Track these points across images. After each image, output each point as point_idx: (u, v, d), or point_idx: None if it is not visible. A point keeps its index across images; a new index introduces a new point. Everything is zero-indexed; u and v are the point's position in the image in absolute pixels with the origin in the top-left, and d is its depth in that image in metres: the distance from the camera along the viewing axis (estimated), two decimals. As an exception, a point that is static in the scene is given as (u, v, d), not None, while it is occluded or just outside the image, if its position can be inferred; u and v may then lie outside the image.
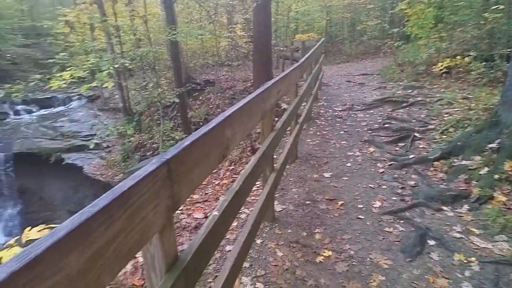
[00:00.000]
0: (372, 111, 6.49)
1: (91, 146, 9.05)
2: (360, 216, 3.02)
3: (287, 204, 3.32)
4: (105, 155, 11.44)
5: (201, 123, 9.77)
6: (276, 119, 3.76)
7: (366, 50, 17.32)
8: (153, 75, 9.25)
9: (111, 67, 6.14)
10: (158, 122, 10.25)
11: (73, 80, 6.08)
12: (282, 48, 14.10)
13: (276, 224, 2.96)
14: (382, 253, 2.50)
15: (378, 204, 3.20)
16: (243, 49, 13.47)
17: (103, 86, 7.35)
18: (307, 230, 2.85)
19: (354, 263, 2.41)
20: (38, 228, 2.74)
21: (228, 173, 4.84)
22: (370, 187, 3.56)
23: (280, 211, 3.19)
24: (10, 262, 0.60)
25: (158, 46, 10.33)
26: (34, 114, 14.92)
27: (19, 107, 14.96)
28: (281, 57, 14.12)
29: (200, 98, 11.71)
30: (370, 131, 5.33)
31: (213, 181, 4.57)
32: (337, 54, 18.28)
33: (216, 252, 2.55)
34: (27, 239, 2.60)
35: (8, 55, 16.79)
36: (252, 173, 2.13)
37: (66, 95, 15.43)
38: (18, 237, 2.64)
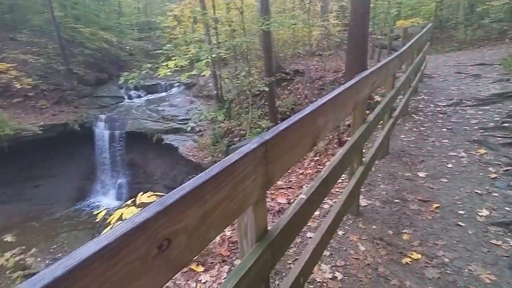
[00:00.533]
0: (487, 108, 5.59)
1: (188, 129, 10.08)
2: (460, 223, 2.70)
3: (373, 200, 3.19)
4: (197, 138, 12.59)
5: (288, 113, 9.89)
6: (367, 112, 3.58)
7: (486, 36, 14.69)
8: (245, 65, 9.70)
9: (209, 57, 6.71)
10: (246, 110, 10.76)
11: (176, 68, 6.85)
12: (379, 36, 13.11)
13: (360, 219, 2.88)
14: (485, 267, 2.21)
15: (485, 212, 2.81)
16: (336, 38, 12.99)
17: (201, 75, 8.05)
18: (394, 229, 2.70)
19: (448, 271, 2.20)
20: (147, 194, 3.26)
21: (312, 163, 4.84)
22: (476, 192, 3.14)
23: (365, 206, 3.09)
24: (153, 205, 0.77)
25: (251, 36, 10.75)
26: (142, 98, 17.30)
27: (131, 92, 17.53)
28: (377, 46, 13.16)
29: (289, 88, 11.82)
30: (482, 131, 4.62)
31: (297, 170, 4.64)
32: (446, 41, 16.06)
33: (297, 237, 2.63)
34: (140, 201, 3.12)
35: (127, 47, 19.70)
36: (340, 164, 2.12)
37: (168, 82, 17.40)
38: (133, 199, 3.19)
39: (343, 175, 3.34)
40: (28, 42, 15.88)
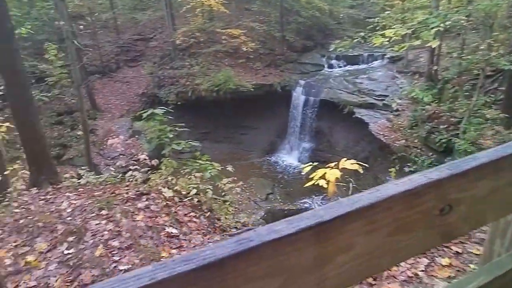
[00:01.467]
0: None
1: (394, 106, 9.35)
2: None
3: None
4: (393, 117, 11.64)
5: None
6: None
7: None
8: (486, 36, 7.65)
9: (441, 25, 5.70)
10: (467, 93, 8.80)
11: (396, 37, 6.23)
12: None
13: None
14: None
15: None
16: None
17: (427, 45, 6.89)
18: None
19: None
20: (350, 161, 3.33)
21: None
22: None
23: None
24: (446, 166, 0.73)
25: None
26: (341, 68, 17.40)
27: (332, 61, 17.89)
28: None
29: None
30: None
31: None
32: None
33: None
34: (342, 166, 3.23)
35: (340, 15, 19.82)
36: None
37: (370, 53, 16.59)
38: (336, 163, 3.34)
39: None
40: (257, 12, 18.83)
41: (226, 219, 4.78)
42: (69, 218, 3.80)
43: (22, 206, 4.35)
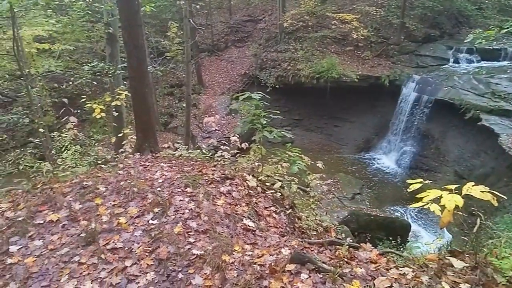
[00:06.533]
0: None
1: None
2: None
3: None
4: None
5: None
6: None
7: None
8: None
9: None
10: None
11: None
12: None
13: None
14: None
15: None
16: None
17: None
18: None
19: None
20: (479, 187, 2.51)
21: None
22: None
23: None
24: None
25: None
26: (472, 64, 14.49)
27: (461, 55, 15.02)
28: None
29: None
30: None
31: None
32: None
33: None
34: (466, 192, 2.45)
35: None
36: None
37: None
38: (456, 186, 2.56)
39: None
40: (376, -6, 17.03)
41: (307, 219, 4.40)
42: (158, 189, 3.98)
43: (125, 169, 4.79)
